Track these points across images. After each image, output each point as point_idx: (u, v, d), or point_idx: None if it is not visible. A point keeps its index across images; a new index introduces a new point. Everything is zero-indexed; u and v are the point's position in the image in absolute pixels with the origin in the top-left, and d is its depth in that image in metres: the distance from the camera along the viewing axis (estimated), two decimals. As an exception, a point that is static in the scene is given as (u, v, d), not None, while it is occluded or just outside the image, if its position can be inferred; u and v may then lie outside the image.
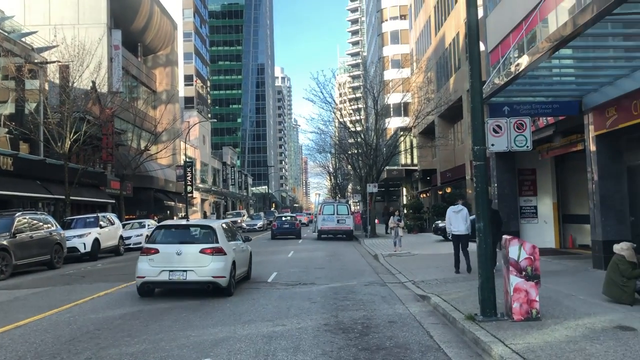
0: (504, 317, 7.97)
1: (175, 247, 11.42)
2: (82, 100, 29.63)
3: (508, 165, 19.06)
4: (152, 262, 11.33)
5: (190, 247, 11.53)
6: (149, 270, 11.30)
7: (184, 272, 11.18)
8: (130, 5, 44.98)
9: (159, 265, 11.26)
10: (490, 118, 11.47)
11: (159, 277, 11.25)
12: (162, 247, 11.49)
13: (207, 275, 11.22)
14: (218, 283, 11.34)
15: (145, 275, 11.34)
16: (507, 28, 19.16)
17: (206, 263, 11.25)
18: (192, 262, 11.25)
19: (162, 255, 11.34)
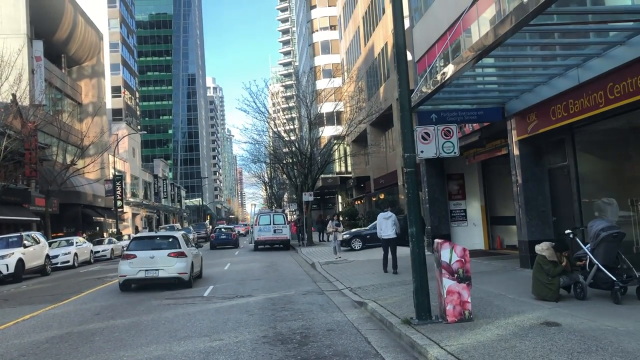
0: (438, 319, 8.17)
1: (149, 253, 15.20)
2: (2, 114, 28.18)
3: (437, 170, 19.64)
4: (131, 265, 15.05)
5: (160, 252, 15.26)
6: (129, 271, 15.04)
7: (156, 271, 14.97)
8: (52, 15, 43.27)
9: (137, 267, 14.99)
10: (419, 126, 11.80)
11: (137, 275, 15.01)
12: (138, 253, 15.20)
13: (174, 273, 15.07)
14: (182, 278, 15.16)
15: (127, 274, 15.07)
16: (432, 38, 19.79)
17: (173, 264, 15.10)
18: (162, 264, 15.02)
19: (139, 259, 15.07)
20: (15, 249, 21.61)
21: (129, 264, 15.09)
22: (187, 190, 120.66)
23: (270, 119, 39.91)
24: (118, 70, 77.30)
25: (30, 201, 34.63)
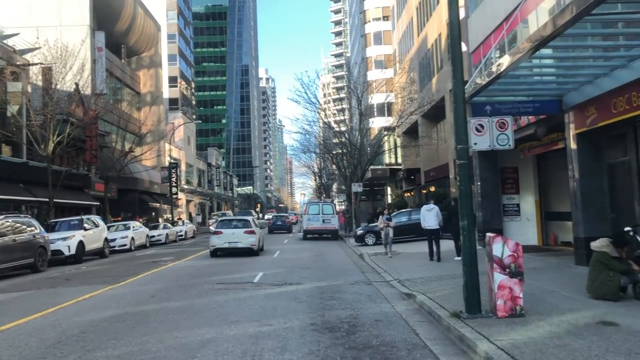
0: (488, 314, 8.07)
1: (230, 230, 22.06)
2: (65, 102, 29.38)
3: (491, 163, 19.27)
4: (219, 238, 21.73)
5: (238, 230, 22.05)
6: (217, 242, 21.72)
7: (236, 243, 21.69)
8: (114, 6, 44.66)
9: (223, 239, 21.72)
10: (473, 117, 11.61)
11: (223, 245, 21.62)
12: (224, 230, 22.07)
13: (248, 244, 21.68)
14: (252, 248, 21.74)
15: (216, 245, 21.73)
16: (488, 29, 19.36)
17: (247, 238, 21.76)
18: (240, 238, 21.75)
19: (224, 234, 21.86)
20: (76, 231, 22.61)
21: (218, 238, 21.84)
22: (238, 178, 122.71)
23: (321, 110, 40.09)
24: (175, 61, 79.16)
25: (91, 186, 36.05)
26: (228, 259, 20.93)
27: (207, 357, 6.80)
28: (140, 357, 6.89)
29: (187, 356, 6.85)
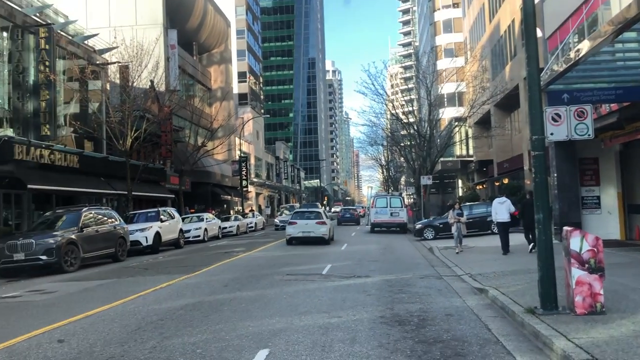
0: (565, 310, 7.76)
1: (304, 221, 24.46)
2: (141, 99, 30.64)
3: (568, 154, 18.45)
4: (294, 228, 24.27)
5: (311, 221, 24.44)
6: (293, 232, 24.24)
7: (309, 232, 23.99)
8: (185, 5, 46.06)
9: (297, 229, 24.20)
10: (549, 106, 11.15)
11: (298, 234, 24.09)
12: (298, 221, 24.56)
13: (320, 234, 24.00)
14: (324, 237, 24.05)
15: (291, 234, 24.24)
16: (565, 12, 18.50)
17: (319, 228, 24.11)
18: (312, 228, 24.09)
19: (299, 224, 24.33)
20: (153, 223, 23.60)
21: (293, 228, 24.41)
22: (305, 171, 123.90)
23: (389, 101, 39.70)
24: (244, 57, 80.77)
25: (166, 179, 37.48)
26: (297, 251, 21.22)
27: (279, 346, 6.93)
28: (215, 344, 7.11)
29: (259, 345, 7.01)
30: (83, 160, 26.91)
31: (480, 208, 26.48)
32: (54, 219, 18.70)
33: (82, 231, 17.81)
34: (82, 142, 29.82)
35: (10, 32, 24.91)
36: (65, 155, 25.33)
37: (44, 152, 23.57)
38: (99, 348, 7.16)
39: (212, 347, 7.00)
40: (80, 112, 29.54)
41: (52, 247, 16.37)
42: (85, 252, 17.63)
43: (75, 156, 26.31)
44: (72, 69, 28.11)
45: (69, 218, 18.35)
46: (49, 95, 25.39)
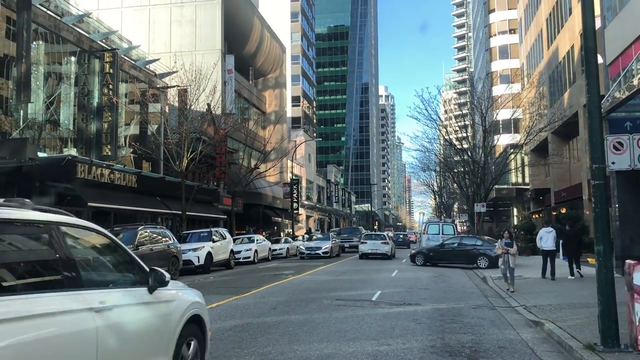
0: (628, 348, 7.37)
1: (372, 241, 33.21)
2: (198, 122, 31.51)
3: (631, 184, 17.70)
4: (365, 246, 32.71)
5: (377, 241, 33.12)
6: (364, 249, 32.54)
7: (376, 250, 32.32)
8: (243, 31, 47.40)
9: (367, 247, 32.57)
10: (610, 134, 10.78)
11: (368, 251, 32.31)
12: (368, 241, 33.24)
13: (384, 251, 32.22)
14: (387, 254, 32.33)
15: (363, 250, 32.47)
16: (628, 39, 17.94)
17: (383, 247, 32.44)
18: (379, 246, 32.46)
19: (368, 244, 32.79)
20: (205, 243, 24.00)
21: (364, 246, 32.77)
22: (356, 195, 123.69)
23: (442, 127, 39.31)
24: (298, 81, 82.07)
25: (219, 200, 38.19)
26: (347, 276, 21.10)
27: (326, 372, 6.86)
28: (262, 367, 7.10)
29: (306, 370, 6.96)
30: (141, 180, 27.78)
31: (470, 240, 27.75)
32: (112, 236, 19.29)
33: (138, 249, 18.29)
34: (140, 162, 30.86)
35: (77, 57, 26.26)
36: (124, 175, 26.24)
37: (104, 171, 24.50)
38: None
39: (259, 369, 7.00)
40: (139, 134, 30.64)
41: (109, 263, 16.84)
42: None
43: (134, 176, 27.20)
44: (133, 92, 29.29)
45: (126, 236, 18.88)
46: (111, 117, 26.50)
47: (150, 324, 4.79)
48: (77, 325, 3.78)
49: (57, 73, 25.68)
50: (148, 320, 4.77)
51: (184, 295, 5.62)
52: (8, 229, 3.68)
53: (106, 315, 4.10)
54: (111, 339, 4.13)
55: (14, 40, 21.53)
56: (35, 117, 23.52)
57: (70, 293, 3.87)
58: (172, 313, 5.16)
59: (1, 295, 3.29)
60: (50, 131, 25.29)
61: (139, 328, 4.62)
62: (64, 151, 24.90)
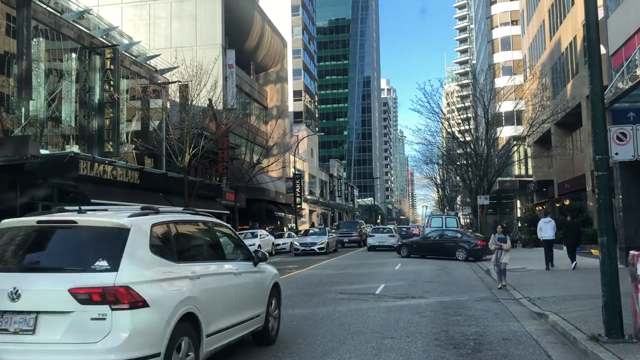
0: (632, 339, 7.36)
1: (379, 234, 36.42)
2: (200, 117, 31.45)
3: (635, 175, 17.64)
4: (373, 239, 35.37)
5: (384, 234, 36.39)
6: (372, 242, 35.20)
7: (383, 242, 34.99)
8: (243, 26, 47.26)
9: (375, 240, 35.33)
10: (614, 125, 10.72)
11: (375, 243, 34.93)
12: (375, 234, 36.45)
13: (391, 244, 33.94)
14: (393, 246, 32.81)
15: (371, 243, 35.13)
16: (631, 29, 17.83)
17: (389, 239, 35.08)
18: (385, 239, 35.16)
19: (376, 237, 35.81)
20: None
21: (372, 239, 35.21)
22: (359, 189, 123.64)
23: (444, 119, 39.21)
24: (299, 76, 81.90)
25: (222, 195, 38.19)
26: (350, 270, 21.11)
27: (330, 366, 6.86)
28: (266, 361, 7.11)
29: (310, 364, 6.96)
30: (143, 176, 27.79)
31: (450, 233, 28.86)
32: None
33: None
34: (142, 158, 30.86)
35: (78, 53, 26.23)
36: (126, 171, 26.25)
37: (107, 167, 24.50)
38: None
39: (263, 363, 7.01)
40: (141, 130, 30.63)
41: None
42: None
43: (136, 172, 27.22)
44: (134, 88, 29.25)
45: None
46: (113, 114, 26.48)
47: (256, 284, 7.55)
48: (229, 281, 6.67)
49: (58, 70, 25.65)
50: (256, 282, 7.54)
51: (270, 268, 8.34)
52: (192, 224, 6.77)
53: (239, 276, 6.96)
54: (241, 290, 6.93)
55: (14, 38, 21.50)
56: (37, 114, 23.50)
57: (223, 263, 6.88)
58: (265, 279, 7.93)
59: (195, 262, 6.14)
60: (52, 128, 25.29)
61: (252, 286, 7.40)
62: (66, 148, 24.89)
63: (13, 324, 4.78)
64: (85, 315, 4.68)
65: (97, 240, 5.28)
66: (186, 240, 6.46)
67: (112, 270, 4.87)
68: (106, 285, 4.76)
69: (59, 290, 4.75)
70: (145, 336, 4.83)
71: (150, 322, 4.90)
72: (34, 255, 5.49)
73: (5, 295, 4.77)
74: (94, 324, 4.67)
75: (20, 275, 4.99)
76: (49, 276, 4.94)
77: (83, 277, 4.82)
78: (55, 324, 4.71)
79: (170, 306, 5.18)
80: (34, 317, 4.76)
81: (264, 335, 7.73)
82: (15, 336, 4.73)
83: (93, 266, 4.92)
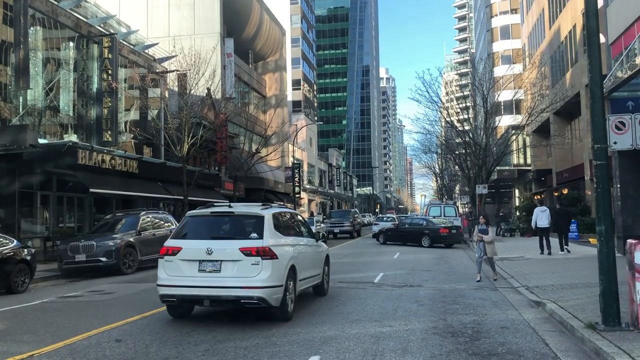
0: (629, 327, 7.41)
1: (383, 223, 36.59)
2: (198, 107, 31.33)
3: (633, 164, 17.65)
4: (377, 227, 35.02)
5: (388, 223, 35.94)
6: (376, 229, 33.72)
7: None
8: (241, 14, 46.98)
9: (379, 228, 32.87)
10: (612, 114, 10.72)
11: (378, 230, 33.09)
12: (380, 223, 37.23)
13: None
14: None
15: (375, 231, 33.79)
16: (631, 17, 17.77)
17: None
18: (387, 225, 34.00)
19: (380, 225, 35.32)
20: (207, 227, 24.01)
21: (376, 226, 35.46)
22: (358, 179, 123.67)
23: (443, 109, 39.11)
24: (298, 64, 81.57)
25: (221, 185, 38.19)
26: (349, 259, 21.17)
27: (329, 353, 6.92)
28: (266, 349, 7.17)
29: (309, 351, 7.02)
30: (142, 166, 27.76)
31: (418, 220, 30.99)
32: (114, 222, 19.36)
33: (140, 234, 18.34)
34: (141, 148, 30.80)
35: (76, 42, 26.09)
36: (125, 161, 26.22)
37: (105, 157, 24.47)
38: (154, 349, 7.34)
39: (263, 352, 7.07)
40: (139, 119, 30.54)
41: (112, 249, 16.96)
42: (142, 255, 18.14)
43: (135, 161, 27.18)
44: (133, 77, 29.11)
45: (128, 221, 18.94)
46: (111, 103, 26.39)
47: (318, 254, 11.20)
48: (306, 249, 10.25)
49: (55, 59, 25.51)
50: (317, 252, 11.17)
51: (324, 245, 12.12)
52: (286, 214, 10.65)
53: (309, 247, 10.56)
54: (311, 256, 10.59)
55: (12, 26, 21.37)
56: (35, 104, 23.41)
57: (302, 238, 10.52)
58: (322, 251, 11.61)
59: (291, 236, 9.85)
60: (50, 117, 25.18)
61: (316, 255, 11.03)
62: (65, 137, 24.82)
63: (208, 267, 8.57)
64: (247, 261, 8.45)
65: (248, 222, 9.18)
66: (285, 222, 10.18)
67: (260, 238, 8.70)
68: (258, 246, 8.53)
69: (233, 249, 8.60)
70: (276, 274, 8.54)
71: (278, 267, 8.63)
72: (214, 230, 9.28)
73: (204, 251, 8.55)
74: (252, 267, 8.43)
75: (211, 241, 8.76)
76: (227, 242, 8.86)
77: (246, 242, 8.66)
78: (231, 267, 8.51)
79: (286, 260, 8.95)
80: (219, 263, 8.54)
81: (320, 289, 11.49)
82: (210, 273, 8.54)
83: (250, 236, 8.78)
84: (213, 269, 8.51)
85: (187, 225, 9.43)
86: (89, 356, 7.05)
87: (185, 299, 8.80)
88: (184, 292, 8.61)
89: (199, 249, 8.65)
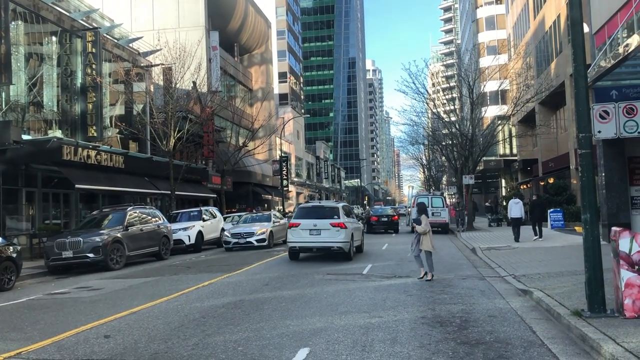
0: (614, 313, 7.51)
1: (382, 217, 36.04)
2: (184, 100, 31.16)
3: (617, 152, 17.81)
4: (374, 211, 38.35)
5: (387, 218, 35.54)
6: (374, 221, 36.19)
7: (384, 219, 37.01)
8: (226, 6, 46.66)
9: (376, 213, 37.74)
10: (597, 103, 10.82)
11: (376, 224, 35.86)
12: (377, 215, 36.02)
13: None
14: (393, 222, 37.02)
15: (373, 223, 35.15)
16: (614, 7, 17.88)
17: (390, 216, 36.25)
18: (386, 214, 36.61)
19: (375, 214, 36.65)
20: (195, 222, 23.99)
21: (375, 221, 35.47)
22: (346, 171, 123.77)
23: (430, 100, 39.19)
24: (284, 57, 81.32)
25: (208, 179, 38.04)
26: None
27: (319, 345, 6.94)
28: (256, 342, 7.18)
29: (299, 344, 7.04)
30: (128, 161, 27.58)
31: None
32: (101, 217, 19.24)
33: (127, 230, 18.26)
34: (127, 142, 30.57)
35: (58, 37, 25.77)
36: (111, 156, 26.03)
37: (91, 152, 24.27)
38: (143, 344, 7.32)
39: (253, 345, 7.07)
40: (125, 114, 30.29)
41: (99, 245, 16.86)
42: (130, 251, 18.07)
43: (121, 157, 27.00)
44: (117, 72, 28.86)
45: (115, 217, 18.84)
46: (96, 98, 26.14)
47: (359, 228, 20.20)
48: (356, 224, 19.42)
49: (38, 54, 25.19)
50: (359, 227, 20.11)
51: (360, 223, 22.45)
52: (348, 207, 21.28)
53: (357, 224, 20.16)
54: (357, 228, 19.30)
55: (-7, 21, 21.02)
56: (18, 99, 23.11)
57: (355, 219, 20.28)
58: (361, 228, 21.05)
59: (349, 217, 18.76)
60: (34, 113, 24.90)
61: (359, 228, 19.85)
62: (49, 133, 24.55)
63: (314, 232, 16.91)
64: (333, 230, 16.77)
65: (331, 210, 17.65)
66: (347, 210, 18.85)
67: (338, 218, 17.02)
68: (338, 222, 16.86)
69: (326, 223, 16.85)
70: (347, 237, 16.86)
71: (347, 233, 16.90)
72: (315, 214, 17.43)
73: (312, 225, 16.90)
74: (336, 232, 16.75)
75: (315, 220, 17.01)
76: (323, 220, 16.99)
77: (332, 220, 16.95)
78: (325, 232, 16.83)
79: (350, 230, 17.20)
80: (320, 230, 16.86)
81: (360, 249, 19.33)
82: (315, 236, 16.92)
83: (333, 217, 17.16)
84: (317, 233, 16.83)
85: (300, 211, 18.22)
86: (77, 353, 7.02)
87: (303, 248, 17.26)
88: (302, 245, 17.11)
89: (309, 223, 16.89)
